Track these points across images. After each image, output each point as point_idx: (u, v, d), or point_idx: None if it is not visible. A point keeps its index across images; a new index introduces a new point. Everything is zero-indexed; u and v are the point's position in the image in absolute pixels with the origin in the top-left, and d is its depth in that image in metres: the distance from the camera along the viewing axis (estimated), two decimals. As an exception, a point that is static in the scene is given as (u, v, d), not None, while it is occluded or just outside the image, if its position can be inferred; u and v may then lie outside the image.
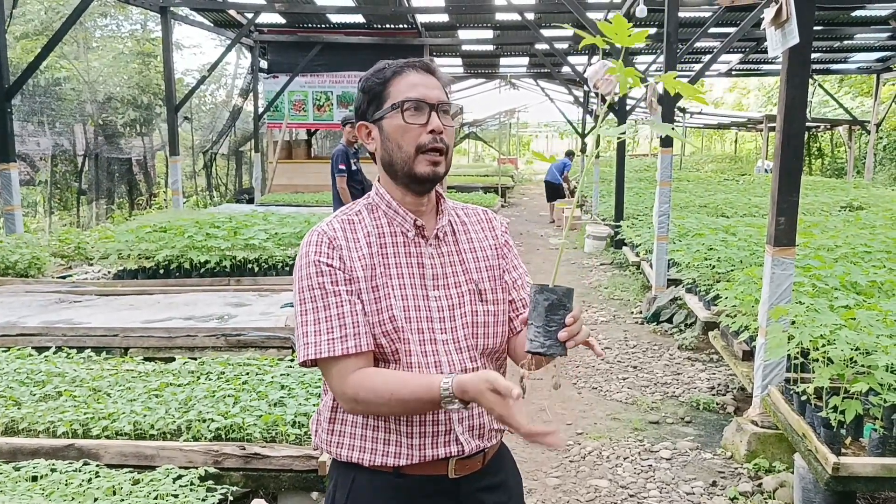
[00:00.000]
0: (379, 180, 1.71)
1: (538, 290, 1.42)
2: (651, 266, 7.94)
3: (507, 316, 1.73)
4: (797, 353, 3.66)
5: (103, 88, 15.56)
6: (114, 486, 2.51)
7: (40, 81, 13.48)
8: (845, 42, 16.28)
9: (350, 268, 1.58)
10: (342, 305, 1.55)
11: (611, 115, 12.74)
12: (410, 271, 1.63)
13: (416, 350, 1.58)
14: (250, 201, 15.32)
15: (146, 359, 4.28)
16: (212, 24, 14.55)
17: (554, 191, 16.39)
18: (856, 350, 3.27)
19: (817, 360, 3.43)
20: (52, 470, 2.66)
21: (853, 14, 13.46)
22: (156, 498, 2.46)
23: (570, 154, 16.77)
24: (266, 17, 14.64)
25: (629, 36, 1.47)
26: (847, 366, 3.31)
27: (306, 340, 1.55)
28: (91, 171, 14.49)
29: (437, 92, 1.63)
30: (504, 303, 1.73)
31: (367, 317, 1.57)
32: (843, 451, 3.19)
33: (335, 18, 15.10)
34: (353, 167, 7.77)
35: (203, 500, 2.50)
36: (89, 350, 4.30)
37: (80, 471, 2.66)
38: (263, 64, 16.41)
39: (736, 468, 4.13)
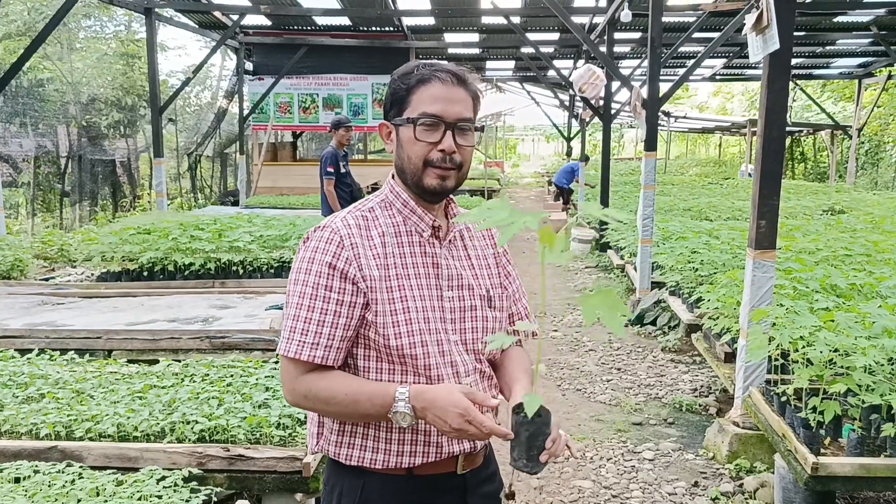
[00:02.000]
0: (393, 177, 1.70)
1: (520, 420, 1.48)
2: (635, 269, 8.00)
3: (507, 325, 1.77)
4: (778, 354, 3.71)
5: (87, 90, 15.46)
6: (97, 488, 2.51)
7: (23, 82, 13.38)
8: (827, 47, 16.44)
9: (360, 266, 1.56)
10: (326, 313, 1.54)
11: (595, 119, 12.80)
12: (427, 271, 1.63)
13: (433, 351, 1.59)
14: (235, 203, 15.26)
15: (130, 361, 4.26)
16: (196, 26, 14.48)
17: (560, 193, 16.76)
18: (835, 352, 3.32)
19: (797, 362, 3.48)
20: (35, 471, 2.65)
21: (835, 20, 13.60)
22: (139, 499, 2.45)
23: (585, 158, 16.59)
24: (251, 19, 14.59)
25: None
26: (826, 367, 3.35)
27: (286, 335, 1.56)
28: (74, 173, 14.39)
29: (460, 108, 1.59)
30: (507, 311, 1.77)
31: (383, 317, 1.57)
32: (822, 451, 3.23)
33: (321, 21, 15.08)
34: (343, 170, 7.77)
35: (186, 500, 2.49)
36: (72, 352, 4.27)
37: (63, 472, 2.65)
38: (249, 66, 16.37)
39: (718, 469, 4.18)
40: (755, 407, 3.88)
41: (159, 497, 2.48)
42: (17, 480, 2.61)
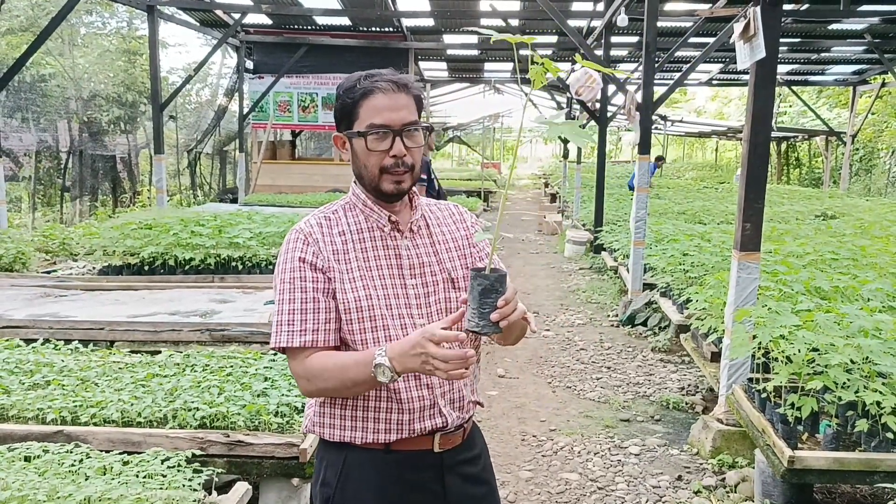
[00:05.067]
0: (355, 182, 1.84)
1: (473, 275, 1.55)
2: (628, 270, 8.12)
3: None
4: (760, 354, 3.83)
5: (88, 86, 15.56)
6: (104, 466, 2.63)
7: (25, 77, 13.48)
8: (822, 54, 16.61)
9: (325, 258, 1.73)
10: (307, 302, 1.71)
11: (592, 123, 12.93)
12: (389, 262, 1.78)
13: (396, 334, 1.73)
14: (234, 201, 15.35)
15: (132, 352, 4.38)
16: (198, 24, 14.59)
17: None
18: (814, 351, 3.44)
19: (777, 360, 3.60)
20: (45, 451, 2.78)
21: (829, 27, 13.76)
22: (145, 477, 2.58)
23: (659, 159, 16.30)
24: (252, 18, 14.71)
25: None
26: (805, 365, 3.48)
27: (275, 329, 1.73)
28: (75, 168, 14.49)
29: (404, 113, 1.72)
30: None
31: (345, 305, 1.71)
32: (799, 445, 3.36)
33: (321, 20, 15.20)
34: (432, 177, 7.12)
35: (189, 479, 2.62)
36: (76, 342, 4.39)
37: (71, 452, 2.78)
38: (249, 64, 16.47)
39: (701, 464, 4.30)
40: (737, 404, 4.01)
41: (164, 476, 2.61)
42: (27, 459, 2.73)
